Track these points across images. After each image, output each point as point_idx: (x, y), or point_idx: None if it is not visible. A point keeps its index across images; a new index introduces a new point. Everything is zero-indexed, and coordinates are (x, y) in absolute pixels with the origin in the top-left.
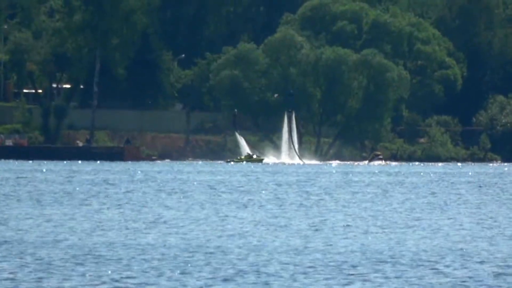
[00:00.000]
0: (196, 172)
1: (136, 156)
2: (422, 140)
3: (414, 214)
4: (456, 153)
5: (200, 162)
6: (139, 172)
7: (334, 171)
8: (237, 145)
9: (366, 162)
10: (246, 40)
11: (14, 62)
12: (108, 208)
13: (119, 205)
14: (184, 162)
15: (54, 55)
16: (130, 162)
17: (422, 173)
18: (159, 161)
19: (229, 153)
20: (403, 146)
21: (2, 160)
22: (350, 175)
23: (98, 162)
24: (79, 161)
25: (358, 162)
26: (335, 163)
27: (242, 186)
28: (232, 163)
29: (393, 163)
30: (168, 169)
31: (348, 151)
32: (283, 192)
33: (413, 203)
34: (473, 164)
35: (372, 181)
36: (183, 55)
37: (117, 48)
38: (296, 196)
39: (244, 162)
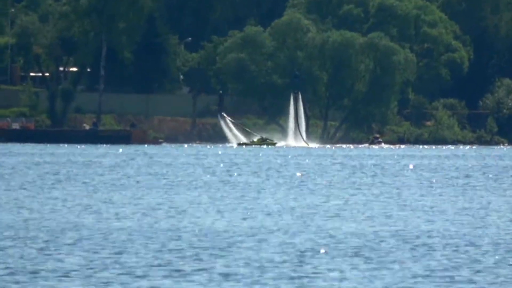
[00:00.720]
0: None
1: (143, 140)
2: (428, 123)
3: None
4: (463, 136)
5: (211, 146)
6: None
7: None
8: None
9: (367, 145)
10: (253, 24)
11: (20, 45)
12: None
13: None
14: (194, 145)
15: (61, 38)
16: (147, 145)
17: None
18: (165, 144)
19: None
20: (410, 129)
21: (9, 144)
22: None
23: (106, 145)
24: (84, 145)
25: (360, 145)
26: (337, 146)
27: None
28: (244, 146)
29: (392, 146)
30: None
31: (355, 135)
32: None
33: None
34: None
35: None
36: (190, 39)
37: (124, 32)
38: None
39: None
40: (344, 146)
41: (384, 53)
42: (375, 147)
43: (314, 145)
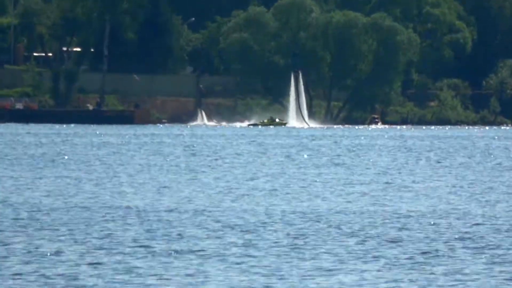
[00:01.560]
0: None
1: (146, 120)
2: (432, 103)
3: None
4: (466, 117)
5: (220, 125)
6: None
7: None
8: (244, 111)
9: (366, 125)
10: (256, 4)
11: (24, 25)
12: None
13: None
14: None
15: (64, 18)
16: (152, 126)
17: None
18: (168, 124)
19: (239, 116)
20: (413, 110)
21: (13, 124)
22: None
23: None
24: (90, 125)
25: (360, 126)
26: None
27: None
28: (251, 126)
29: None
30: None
31: (358, 115)
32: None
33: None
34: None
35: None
36: (193, 19)
37: (127, 12)
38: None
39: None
40: (342, 126)
41: (387, 33)
42: (373, 127)
43: (314, 125)
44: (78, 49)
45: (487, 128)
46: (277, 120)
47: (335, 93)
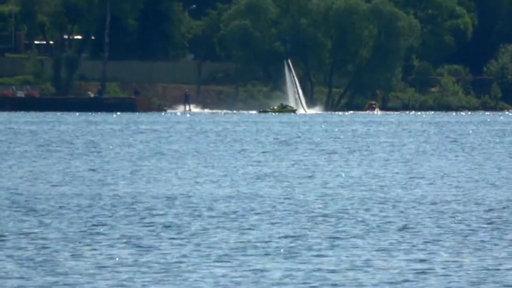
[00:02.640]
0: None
1: (148, 107)
2: (433, 89)
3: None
4: (467, 102)
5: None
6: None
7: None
8: (245, 98)
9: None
10: None
11: (24, 13)
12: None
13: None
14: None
15: (65, 6)
16: (155, 113)
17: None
18: (170, 111)
19: (241, 103)
20: (415, 96)
21: (15, 112)
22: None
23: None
24: (93, 112)
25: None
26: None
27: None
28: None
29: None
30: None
31: (359, 101)
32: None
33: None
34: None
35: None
36: (194, 6)
37: None
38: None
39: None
40: (340, 113)
41: (388, 19)
42: (370, 113)
43: (312, 111)
44: (79, 37)
45: (487, 113)
46: (288, 107)
47: (336, 80)
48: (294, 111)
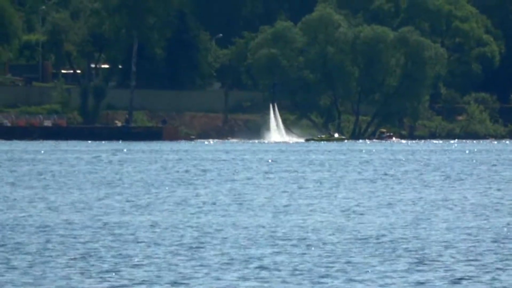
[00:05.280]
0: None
1: (175, 136)
2: (460, 117)
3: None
4: (494, 130)
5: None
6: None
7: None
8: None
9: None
10: (283, 19)
11: (52, 42)
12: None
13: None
14: (229, 141)
15: (92, 35)
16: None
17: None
18: (202, 141)
19: (268, 132)
20: (442, 124)
21: (43, 141)
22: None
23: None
24: (120, 141)
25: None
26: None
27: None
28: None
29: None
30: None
31: (386, 129)
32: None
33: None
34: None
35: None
36: (221, 34)
37: (154, 27)
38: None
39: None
40: (365, 141)
41: (415, 47)
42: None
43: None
44: (106, 66)
45: None
46: (336, 135)
47: (363, 108)
48: (342, 139)
